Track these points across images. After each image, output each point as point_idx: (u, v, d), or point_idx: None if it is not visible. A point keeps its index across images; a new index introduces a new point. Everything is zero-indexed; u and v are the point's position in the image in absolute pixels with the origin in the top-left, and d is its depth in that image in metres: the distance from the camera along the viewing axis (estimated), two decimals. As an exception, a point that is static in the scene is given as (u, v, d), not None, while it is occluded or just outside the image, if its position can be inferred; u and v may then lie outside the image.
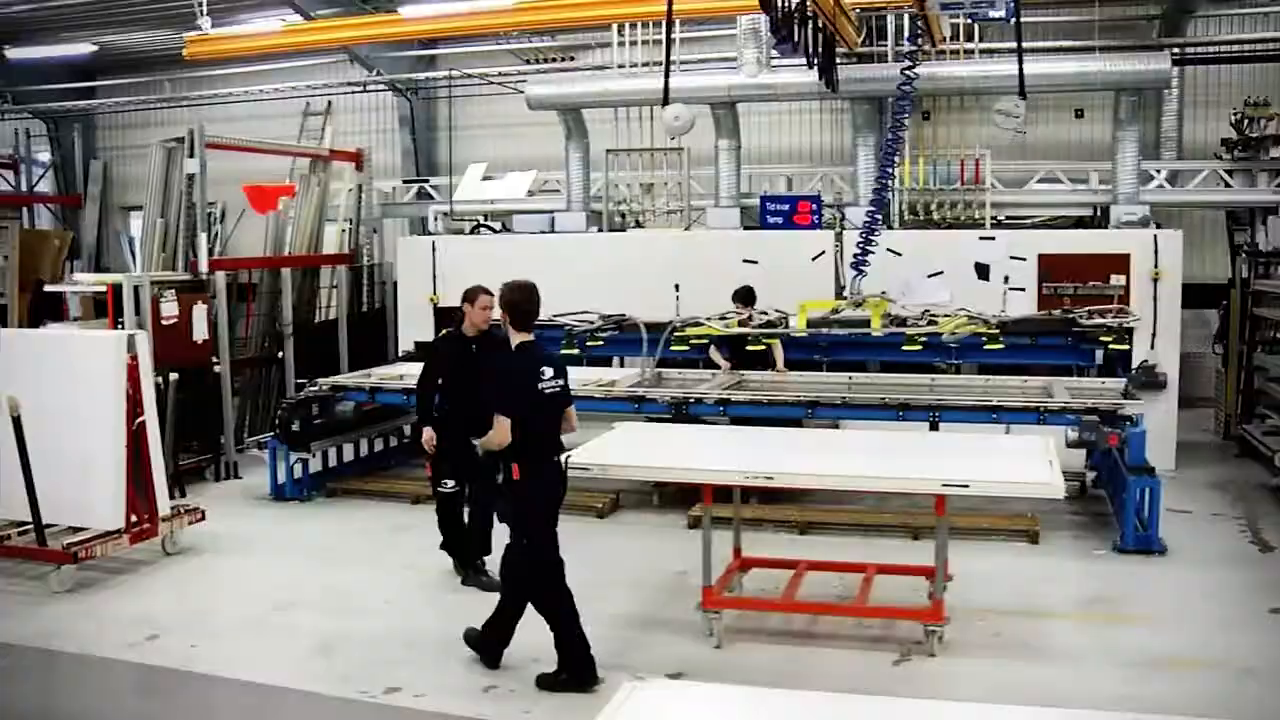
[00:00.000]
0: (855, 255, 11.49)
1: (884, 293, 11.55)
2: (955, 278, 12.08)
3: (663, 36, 11.57)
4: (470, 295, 8.17)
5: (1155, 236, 11.78)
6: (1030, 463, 6.95)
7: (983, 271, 12.21)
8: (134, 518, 8.54)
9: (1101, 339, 11.32)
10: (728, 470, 7.17)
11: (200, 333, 11.38)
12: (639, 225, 14.04)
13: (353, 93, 17.91)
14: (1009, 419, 9.77)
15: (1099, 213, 13.07)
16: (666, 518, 10.34)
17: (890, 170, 11.91)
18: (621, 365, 12.61)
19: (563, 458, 6.62)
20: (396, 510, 10.51)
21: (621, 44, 13.61)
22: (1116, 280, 11.89)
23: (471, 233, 14.59)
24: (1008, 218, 13.32)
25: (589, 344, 12.05)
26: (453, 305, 12.86)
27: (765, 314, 11.50)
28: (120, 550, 8.55)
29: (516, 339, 6.52)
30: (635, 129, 13.74)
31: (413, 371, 11.23)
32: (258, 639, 7.29)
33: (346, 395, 11.15)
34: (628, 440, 7.86)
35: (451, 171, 14.73)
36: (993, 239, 12.30)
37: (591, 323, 12.12)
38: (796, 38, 11.39)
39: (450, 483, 8.22)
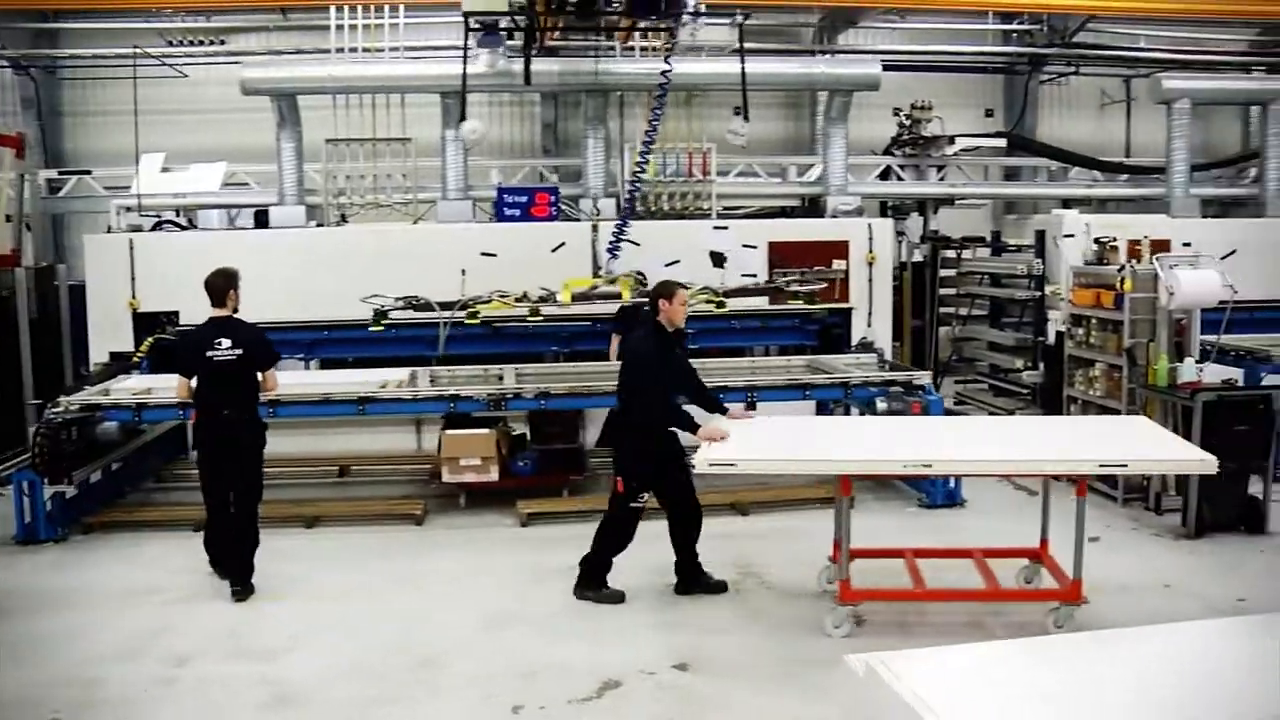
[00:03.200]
0: (610, 243, 11.94)
1: (632, 271, 11.88)
2: (692, 265, 12.54)
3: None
4: (668, 291, 7.60)
5: (870, 224, 12.94)
6: (1159, 440, 7.23)
7: (718, 259, 12.78)
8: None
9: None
10: (886, 460, 7.07)
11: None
12: (344, 220, 13.26)
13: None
14: (817, 395, 10.44)
15: (806, 203, 14.12)
16: (485, 518, 10.03)
17: (644, 164, 12.21)
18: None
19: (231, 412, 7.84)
20: (190, 540, 9.13)
21: (340, 27, 12.73)
22: (839, 265, 12.92)
23: (153, 229, 13.09)
24: (725, 208, 14.01)
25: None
26: (157, 310, 11.80)
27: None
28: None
29: (211, 314, 7.92)
30: (355, 117, 12.92)
31: (161, 385, 10.06)
32: (192, 702, 6.24)
33: (107, 415, 9.66)
34: (748, 435, 7.46)
35: (138, 160, 13.06)
36: (725, 228, 12.90)
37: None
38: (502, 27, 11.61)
39: (645, 496, 7.54)
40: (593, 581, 7.72)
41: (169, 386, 9.93)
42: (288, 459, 11.70)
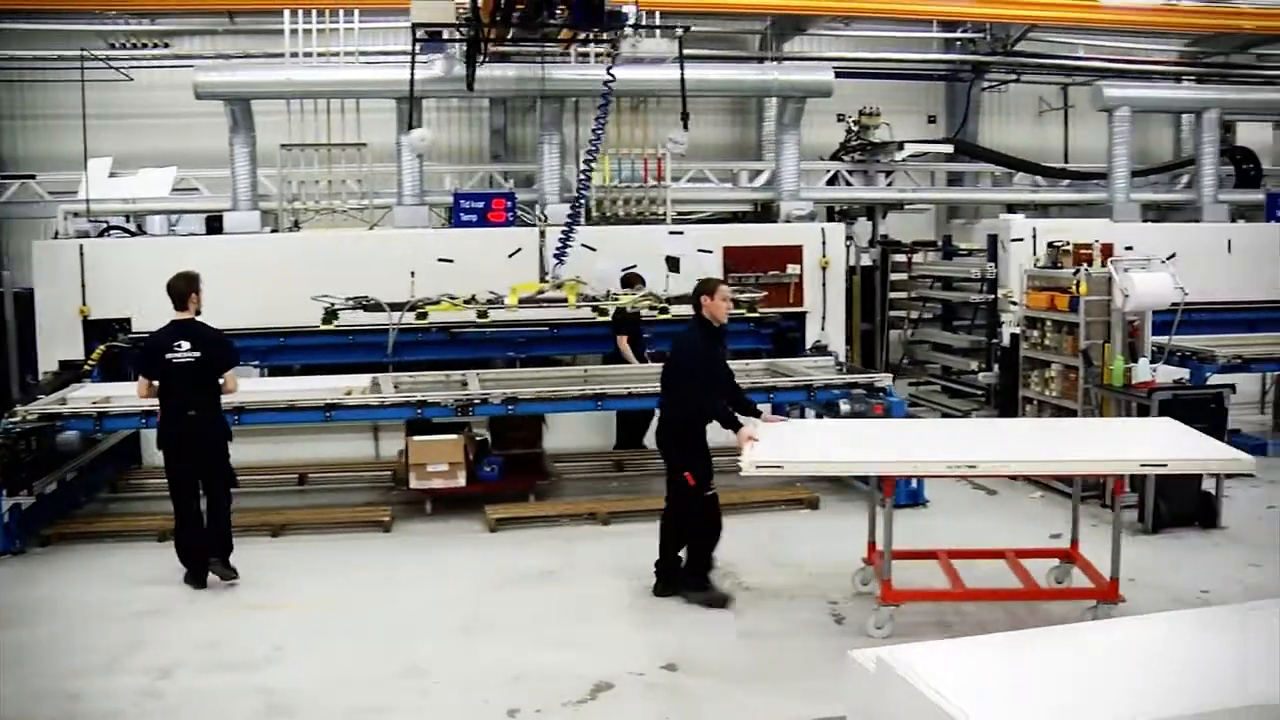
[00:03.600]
0: (556, 248, 11.90)
1: (577, 277, 11.91)
2: (649, 271, 12.62)
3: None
4: (710, 288, 7.66)
5: (823, 229, 13.13)
6: (1186, 439, 7.34)
7: (673, 264, 12.88)
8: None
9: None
10: (930, 461, 7.14)
11: None
12: (297, 226, 13.12)
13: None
14: (781, 398, 10.58)
15: (759, 208, 14.27)
16: (452, 524, 9.98)
17: (590, 170, 12.26)
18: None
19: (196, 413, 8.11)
20: (153, 551, 9.07)
21: (294, 31, 12.64)
22: (793, 269, 13.10)
23: (101, 235, 12.89)
24: (679, 214, 14.11)
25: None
26: (108, 318, 11.62)
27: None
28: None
29: (174, 317, 8.16)
30: (308, 122, 12.80)
31: (119, 393, 9.93)
32: (183, 713, 6.18)
33: (67, 425, 9.50)
34: (779, 438, 7.49)
35: (86, 164, 12.83)
36: (681, 233, 13.02)
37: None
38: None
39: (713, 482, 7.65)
40: (698, 582, 7.70)
41: (127, 394, 9.91)
42: (246, 467, 11.54)
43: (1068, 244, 10.51)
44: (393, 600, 8.01)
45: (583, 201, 12.23)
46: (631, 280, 11.79)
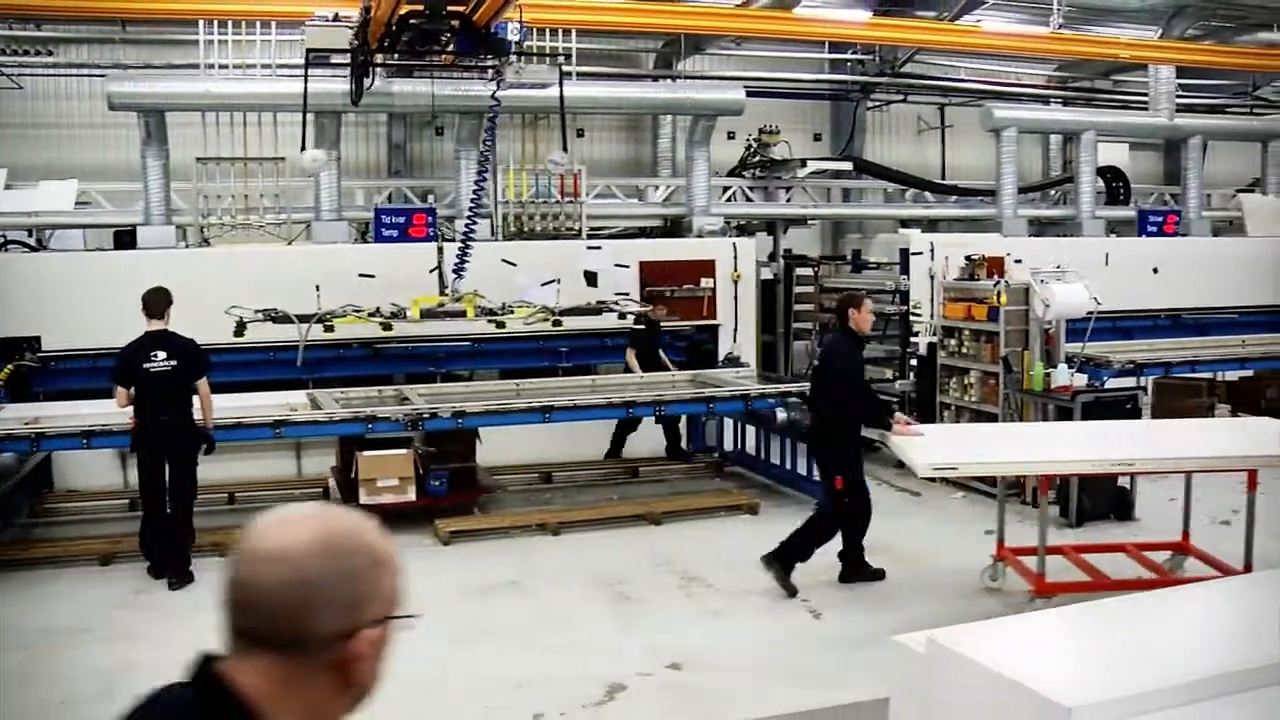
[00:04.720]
0: (456, 261, 11.93)
1: (476, 290, 11.98)
2: (568, 285, 12.80)
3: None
4: (857, 300, 8.43)
5: (735, 244, 13.57)
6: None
7: (591, 279, 13.13)
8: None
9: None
10: (1092, 460, 7.53)
11: None
12: (206, 242, 12.87)
13: None
14: (720, 408, 10.92)
15: (669, 223, 14.61)
16: (401, 539, 9.36)
17: (484, 184, 12.32)
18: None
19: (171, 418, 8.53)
20: (100, 575, 8.91)
21: (210, 41, 12.43)
22: (706, 283, 13.48)
23: (-1, 250, 12.45)
24: (591, 229, 14.34)
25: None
26: (17, 336, 11.23)
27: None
28: None
29: (147, 327, 8.62)
30: (224, 135, 12.59)
31: (49, 413, 9.67)
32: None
33: (3, 446, 9.18)
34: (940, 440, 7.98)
35: (-10, 176, 12.37)
36: (599, 248, 13.28)
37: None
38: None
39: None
40: (785, 567, 8.17)
41: (55, 414, 9.67)
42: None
43: (983, 257, 11.14)
44: (369, 614, 8.00)
45: (477, 217, 12.25)
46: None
